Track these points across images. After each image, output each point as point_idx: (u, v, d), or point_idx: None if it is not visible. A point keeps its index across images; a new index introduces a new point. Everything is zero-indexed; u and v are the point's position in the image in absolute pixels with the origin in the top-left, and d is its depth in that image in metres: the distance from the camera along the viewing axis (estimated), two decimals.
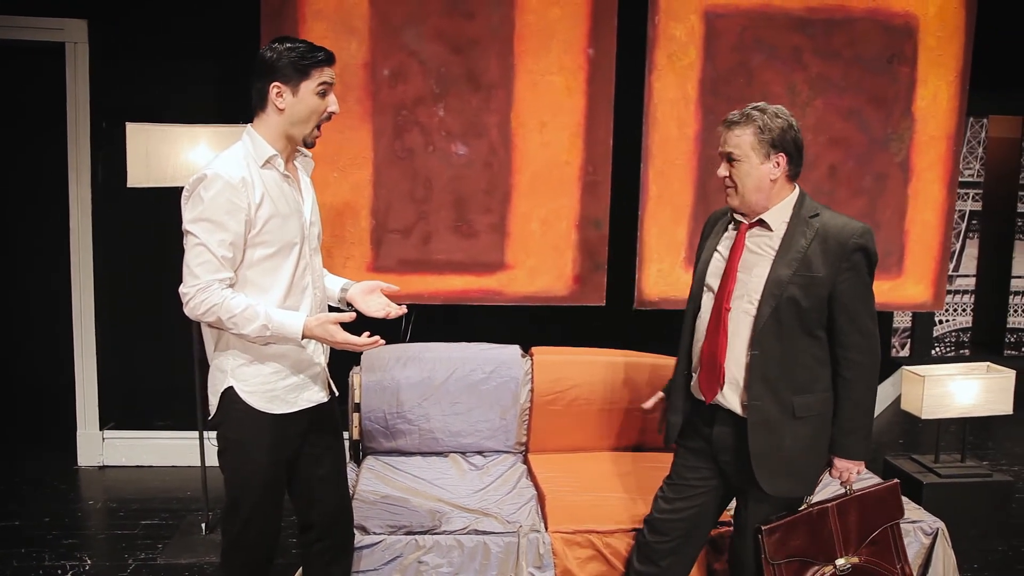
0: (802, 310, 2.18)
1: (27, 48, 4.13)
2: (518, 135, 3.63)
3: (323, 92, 2.13)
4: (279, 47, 2.10)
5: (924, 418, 3.53)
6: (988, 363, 3.72)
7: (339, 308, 2.34)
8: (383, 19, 3.52)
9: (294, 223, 2.17)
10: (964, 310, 6.79)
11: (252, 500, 2.18)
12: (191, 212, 2.06)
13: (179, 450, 4.21)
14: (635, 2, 3.63)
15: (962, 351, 6.85)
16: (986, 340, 7.07)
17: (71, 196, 4.08)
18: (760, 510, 2.30)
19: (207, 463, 3.37)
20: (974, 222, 6.65)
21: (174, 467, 4.21)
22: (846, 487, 2.35)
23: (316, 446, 2.31)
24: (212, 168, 2.06)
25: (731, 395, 2.27)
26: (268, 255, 2.12)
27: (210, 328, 2.17)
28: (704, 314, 2.33)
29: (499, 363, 3.38)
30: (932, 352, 6.73)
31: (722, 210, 2.43)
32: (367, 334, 2.11)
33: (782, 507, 2.30)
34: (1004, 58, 5.28)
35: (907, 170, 3.83)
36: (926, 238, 3.88)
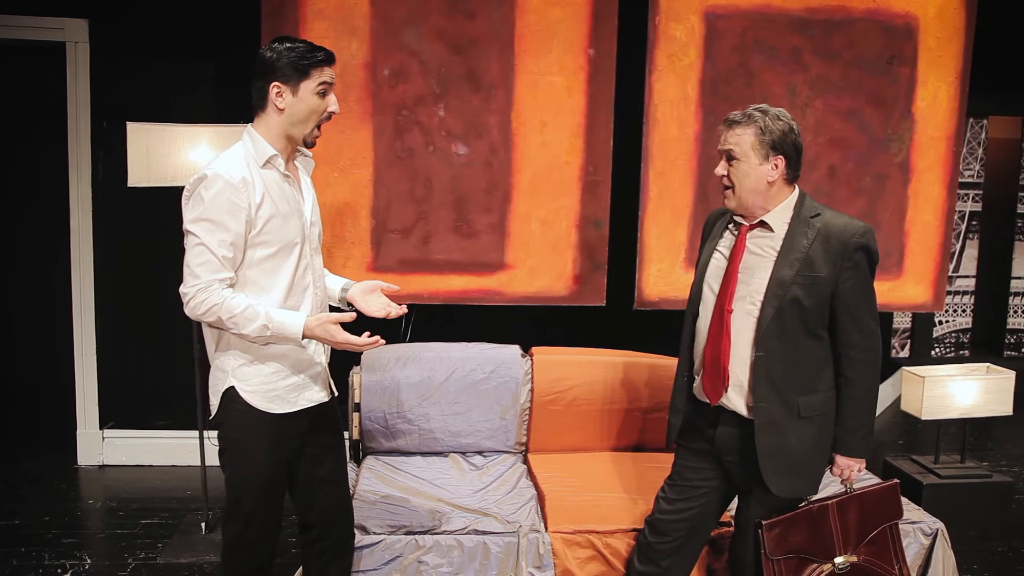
0: (805, 310, 2.19)
1: (28, 47, 4.14)
2: (518, 135, 3.63)
3: (323, 92, 2.13)
4: (279, 47, 2.10)
5: (924, 419, 3.53)
6: (988, 364, 3.72)
7: (339, 308, 2.34)
8: (384, 19, 3.52)
9: (295, 223, 2.17)
10: (964, 311, 6.79)
11: (252, 500, 2.18)
12: (192, 212, 2.06)
13: (179, 449, 4.21)
14: (635, 2, 3.63)
15: (962, 352, 6.85)
16: (986, 341, 7.07)
17: (71, 195, 4.09)
18: (763, 509, 2.31)
19: (207, 462, 3.37)
20: (974, 223, 6.65)
21: (174, 466, 4.21)
22: (846, 485, 2.36)
23: (316, 446, 2.31)
24: (212, 168, 2.05)
25: (735, 397, 2.27)
26: (269, 255, 2.12)
27: (211, 328, 2.17)
28: (705, 316, 2.33)
29: (499, 363, 3.38)
30: (932, 353, 6.73)
31: (721, 209, 2.42)
32: (367, 334, 2.11)
33: (785, 506, 2.31)
34: (1004, 59, 5.28)
35: (907, 171, 3.84)
36: (926, 239, 3.88)
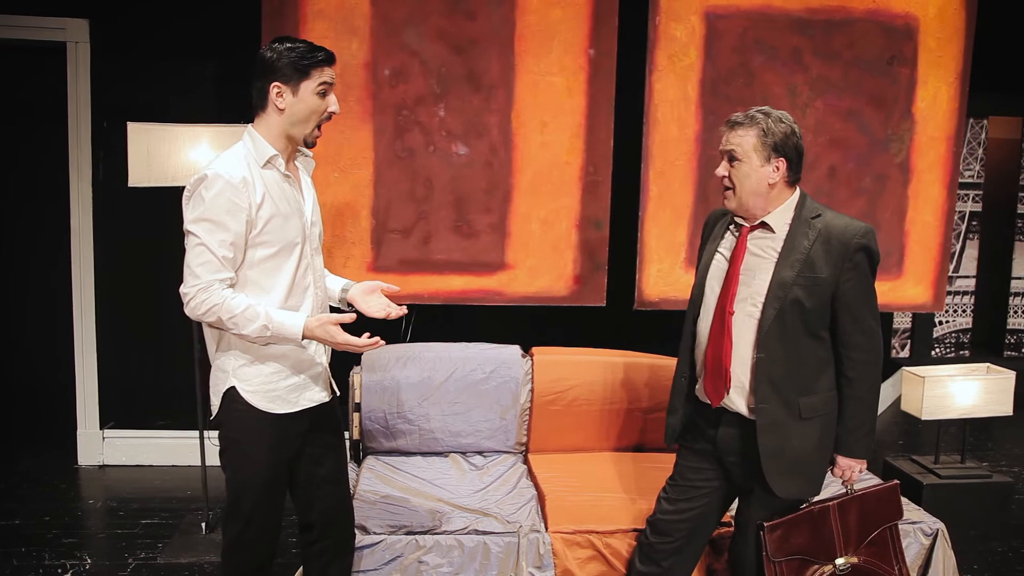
0: (806, 311, 2.19)
1: (29, 47, 4.14)
2: (519, 135, 3.63)
3: (323, 92, 2.13)
4: (279, 47, 2.10)
5: (924, 419, 3.53)
6: (988, 364, 3.72)
7: (339, 309, 2.34)
8: (384, 19, 3.52)
9: (295, 223, 2.17)
10: (964, 311, 6.79)
11: (253, 500, 2.18)
12: (192, 212, 2.06)
13: (179, 449, 4.21)
14: (636, 3, 3.63)
15: (962, 352, 6.85)
16: (986, 341, 7.07)
17: (72, 195, 4.09)
18: (764, 510, 2.31)
19: (207, 462, 3.37)
20: (974, 223, 6.65)
21: (174, 466, 4.21)
22: (847, 486, 2.36)
23: (317, 446, 2.31)
24: (213, 168, 2.05)
25: (737, 398, 2.27)
26: (269, 255, 2.12)
27: (211, 328, 2.17)
28: (706, 318, 2.33)
29: (499, 363, 3.38)
30: (932, 353, 6.74)
31: (721, 210, 2.42)
32: (367, 335, 2.11)
33: (786, 507, 2.31)
34: (1004, 59, 5.28)
35: (907, 171, 3.84)
36: (926, 239, 3.88)
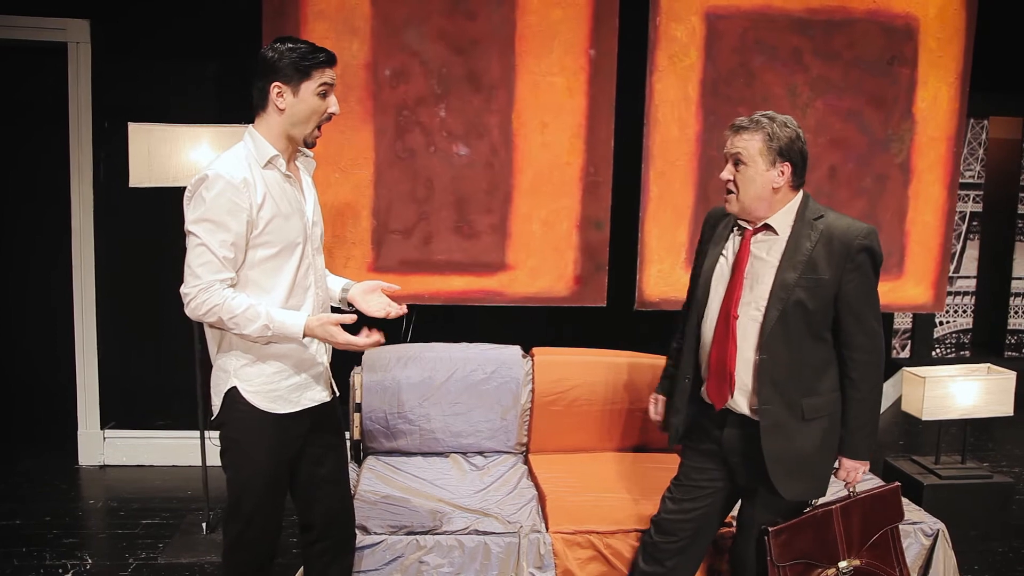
0: (809, 313, 2.19)
1: (29, 48, 4.14)
2: (519, 136, 3.63)
3: (324, 93, 2.13)
4: (281, 47, 2.10)
5: (924, 419, 3.53)
6: (989, 364, 3.72)
7: (340, 309, 2.35)
8: (385, 19, 3.52)
9: (296, 223, 2.17)
10: (965, 311, 6.79)
11: (254, 500, 2.18)
12: (193, 212, 2.06)
13: (180, 450, 4.22)
14: (636, 3, 3.63)
15: (963, 352, 6.85)
16: (987, 341, 7.06)
17: (73, 195, 4.09)
18: (768, 511, 2.31)
19: (208, 463, 3.37)
20: (975, 223, 6.65)
21: (175, 467, 4.22)
22: (849, 488, 2.36)
23: (317, 446, 2.31)
24: (214, 168, 2.06)
25: (740, 399, 2.28)
26: (271, 255, 2.12)
27: (212, 328, 2.18)
28: (710, 321, 2.33)
29: (500, 363, 3.38)
30: (933, 353, 6.73)
31: (722, 208, 2.41)
32: (366, 330, 2.11)
33: (790, 508, 2.31)
34: (1005, 59, 5.28)
35: (907, 171, 3.83)
36: (926, 239, 3.88)
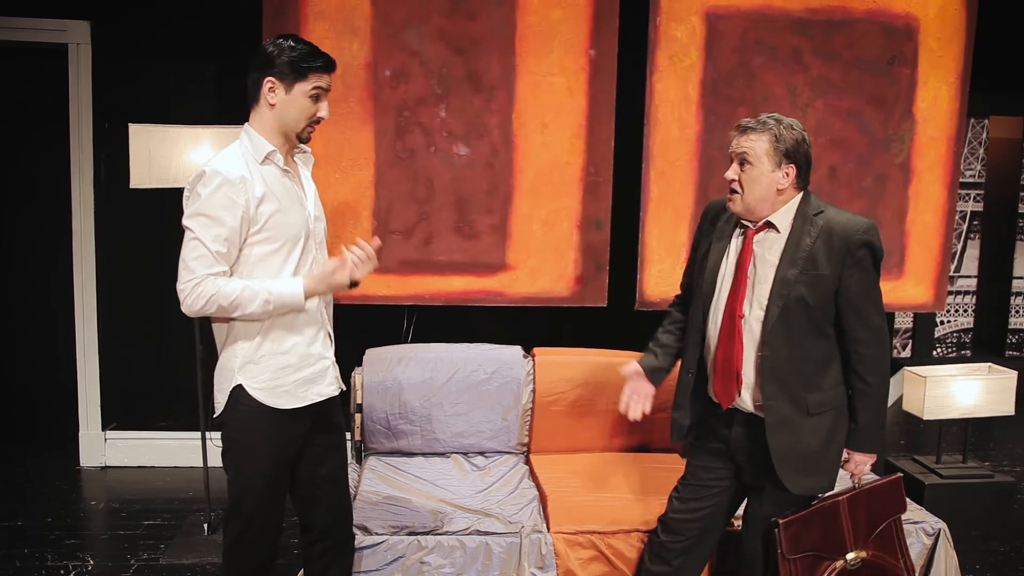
0: (810, 308, 2.20)
1: (30, 49, 4.14)
2: (519, 136, 3.63)
3: (316, 96, 2.14)
4: (282, 43, 2.11)
5: (926, 419, 3.53)
6: (990, 364, 3.72)
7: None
8: (385, 19, 3.52)
9: (297, 217, 2.18)
10: (965, 311, 6.79)
11: (254, 500, 2.18)
12: (189, 208, 2.08)
13: (181, 450, 4.22)
14: (636, 3, 3.63)
15: (963, 352, 6.85)
16: (987, 341, 7.06)
17: (73, 196, 4.10)
18: (775, 506, 2.31)
19: (209, 463, 3.37)
20: (975, 223, 6.65)
21: (176, 467, 4.22)
22: (855, 481, 2.37)
23: (318, 446, 2.31)
24: (212, 165, 2.07)
25: (745, 396, 2.29)
26: (273, 250, 2.13)
27: (217, 324, 2.18)
28: (715, 320, 2.33)
29: (501, 364, 3.38)
30: (934, 353, 6.73)
31: (719, 201, 2.42)
32: (349, 249, 2.10)
33: (797, 502, 2.31)
34: (1005, 59, 5.28)
35: (908, 171, 3.83)
36: (927, 239, 3.88)
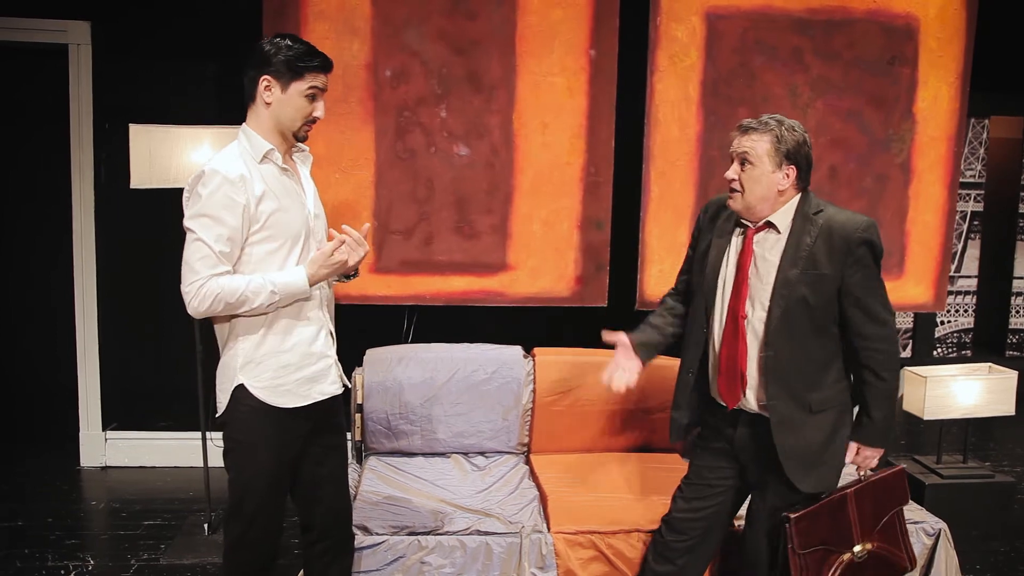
0: (811, 308, 2.20)
1: (30, 49, 4.14)
2: (520, 136, 3.63)
3: (312, 96, 2.15)
4: (280, 42, 2.12)
5: (926, 419, 3.53)
6: (990, 364, 3.72)
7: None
8: (385, 20, 3.53)
9: (298, 216, 2.18)
10: (966, 311, 6.78)
11: (256, 500, 2.18)
12: (190, 209, 2.08)
13: (181, 451, 4.22)
14: (637, 3, 3.63)
15: (964, 352, 6.84)
16: (988, 341, 7.06)
17: (74, 197, 4.09)
18: (782, 501, 2.31)
19: (210, 464, 3.37)
20: (975, 223, 6.64)
21: (176, 468, 4.22)
22: (861, 474, 2.37)
23: (319, 445, 2.31)
24: (211, 165, 2.08)
25: (749, 396, 2.30)
26: (274, 249, 2.13)
27: (219, 324, 2.18)
28: (718, 321, 2.34)
29: (501, 364, 3.38)
30: (934, 353, 6.72)
31: (718, 199, 2.42)
32: (337, 239, 2.12)
33: (802, 498, 2.32)
34: (1005, 59, 5.27)
35: (908, 171, 3.83)
36: (927, 239, 3.88)
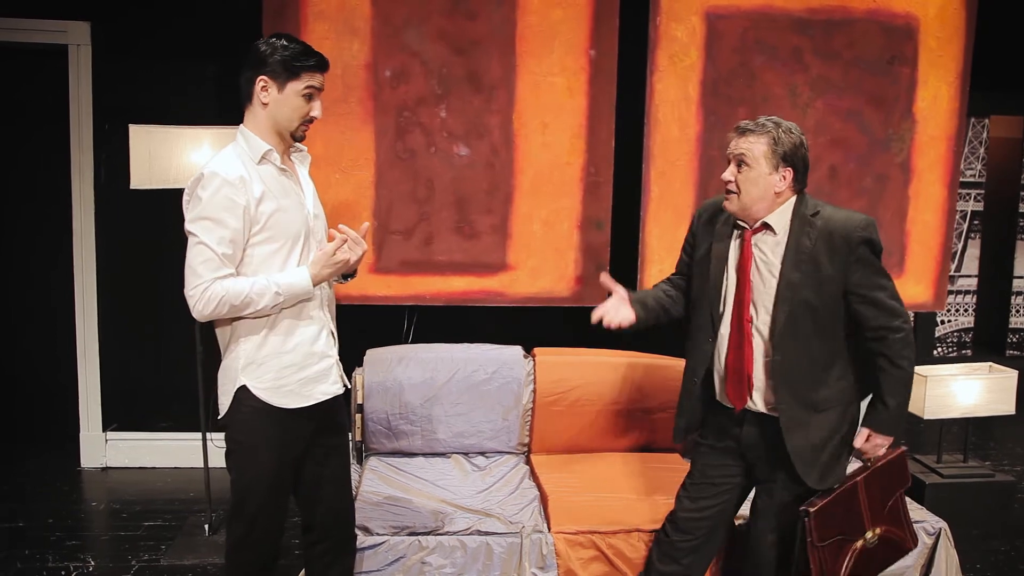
0: (815, 310, 2.22)
1: (30, 50, 4.14)
2: (520, 136, 3.63)
3: (309, 96, 2.15)
4: (276, 42, 2.12)
5: (926, 418, 3.52)
6: (990, 363, 3.72)
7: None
8: (385, 20, 3.52)
9: (297, 216, 2.18)
10: (966, 310, 6.78)
11: (258, 501, 2.18)
12: (191, 212, 2.08)
13: (182, 451, 4.21)
14: (636, 3, 3.63)
15: (964, 351, 6.84)
16: (988, 340, 7.06)
17: (74, 197, 4.10)
18: (788, 498, 2.32)
19: (210, 464, 3.38)
20: (976, 222, 6.65)
21: (177, 468, 4.21)
22: (867, 461, 2.38)
23: (320, 446, 2.31)
24: (209, 167, 2.08)
25: (756, 398, 2.31)
26: (275, 250, 2.13)
27: (220, 327, 2.18)
28: (724, 326, 2.33)
29: (501, 364, 3.38)
30: (934, 352, 6.72)
31: (714, 203, 2.41)
32: (337, 238, 2.13)
33: (809, 493, 2.32)
34: (1005, 58, 5.27)
35: (908, 171, 3.83)
36: (927, 238, 3.88)
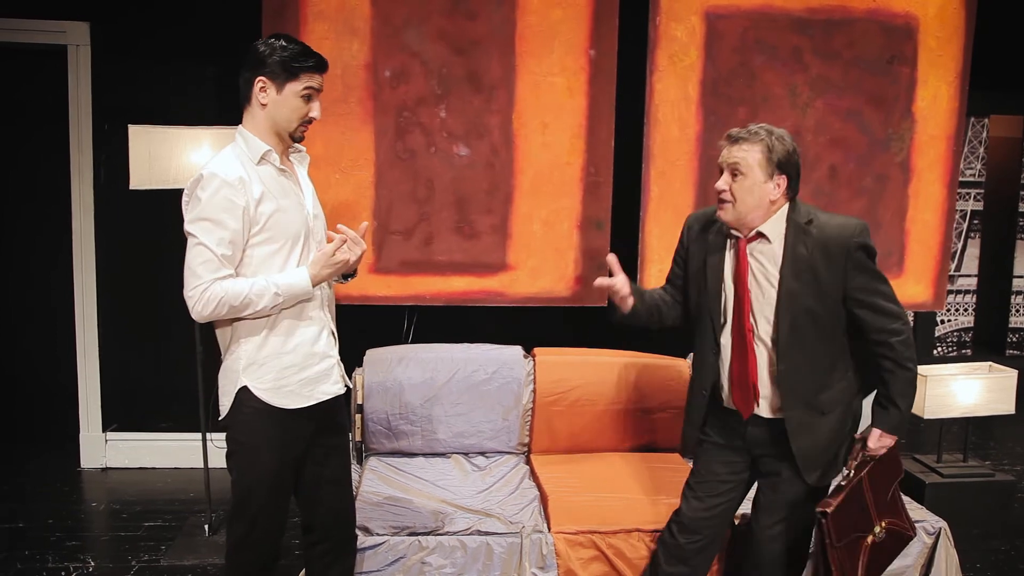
0: (817, 317, 2.23)
1: (29, 50, 4.14)
2: (520, 136, 3.63)
3: (308, 96, 2.15)
4: (274, 43, 2.12)
5: (926, 418, 3.52)
6: (990, 363, 3.72)
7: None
8: (385, 20, 3.52)
9: (297, 216, 2.18)
10: (966, 310, 6.79)
11: (258, 501, 2.18)
12: (190, 213, 2.08)
13: (182, 452, 4.21)
14: (636, 3, 3.63)
15: (964, 351, 6.84)
16: (988, 340, 7.06)
17: (73, 198, 4.09)
18: (793, 493, 2.34)
19: (210, 465, 3.37)
20: (975, 222, 6.65)
21: (177, 469, 4.21)
22: (868, 457, 2.38)
23: (321, 446, 2.31)
24: (208, 168, 2.08)
25: (763, 404, 2.33)
26: (274, 251, 2.13)
27: (220, 328, 2.18)
28: (725, 336, 2.34)
29: (501, 364, 3.38)
30: (934, 352, 6.72)
31: (703, 214, 2.42)
32: (337, 238, 2.13)
33: (813, 488, 2.33)
34: (1005, 58, 5.27)
35: (907, 170, 3.84)
36: (927, 238, 3.88)
